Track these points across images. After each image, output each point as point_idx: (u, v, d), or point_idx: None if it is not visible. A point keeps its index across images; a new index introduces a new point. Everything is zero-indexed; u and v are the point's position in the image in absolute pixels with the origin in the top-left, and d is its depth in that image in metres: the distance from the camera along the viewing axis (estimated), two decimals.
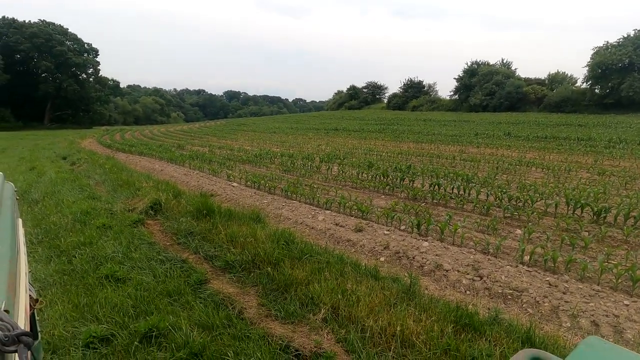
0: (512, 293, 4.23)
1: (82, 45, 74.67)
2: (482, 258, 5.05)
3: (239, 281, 4.32)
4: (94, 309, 3.59)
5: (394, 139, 25.00)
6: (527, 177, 11.22)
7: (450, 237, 5.95)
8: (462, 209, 7.86)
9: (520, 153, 16.84)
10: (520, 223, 6.84)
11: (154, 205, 7.16)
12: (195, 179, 11.49)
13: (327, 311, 3.49)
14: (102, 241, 5.46)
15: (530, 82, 53.46)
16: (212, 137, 30.94)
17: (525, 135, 23.88)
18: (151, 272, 4.46)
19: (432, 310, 3.46)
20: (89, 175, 11.82)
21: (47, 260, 4.91)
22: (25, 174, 12.71)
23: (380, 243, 5.72)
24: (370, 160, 13.85)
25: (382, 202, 8.44)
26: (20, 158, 19.07)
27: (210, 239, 5.44)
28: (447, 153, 17.10)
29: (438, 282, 4.65)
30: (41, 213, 7.22)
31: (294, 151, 18.29)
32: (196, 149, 20.71)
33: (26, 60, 67.98)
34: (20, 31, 66.24)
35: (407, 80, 70.66)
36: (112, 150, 21.43)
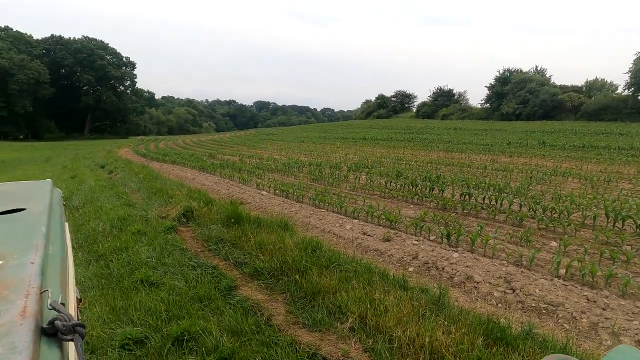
0: (547, 307, 4.08)
1: (121, 59, 78.41)
2: (514, 270, 4.90)
3: (267, 288, 4.39)
4: (129, 311, 3.74)
5: (423, 148, 24.69)
6: (563, 188, 10.80)
7: (482, 248, 5.80)
8: (494, 219, 7.65)
9: (555, 163, 16.24)
10: (555, 235, 6.58)
11: (186, 212, 7.38)
12: (226, 187, 11.75)
13: (355, 320, 3.48)
14: (137, 247, 5.67)
15: (567, 89, 51.58)
16: (242, 147, 31.55)
17: (561, 144, 23.01)
18: (183, 278, 4.60)
19: (462, 322, 3.39)
20: (125, 183, 12.32)
21: (86, 263, 5.15)
22: (67, 182, 13.41)
23: (409, 253, 5.66)
24: (398, 170, 13.73)
25: (411, 211, 8.34)
26: (63, 167, 20.14)
27: (239, 246, 5.55)
28: (478, 162, 16.71)
29: (468, 294, 4.54)
30: (81, 219, 7.59)
31: (321, 160, 18.39)
32: (227, 158, 21.18)
33: (70, 75, 72.17)
34: (66, 47, 70.46)
35: (436, 89, 69.88)
36: (146, 159, 22.24)
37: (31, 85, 60.95)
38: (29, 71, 60.18)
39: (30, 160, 24.95)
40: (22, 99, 60.37)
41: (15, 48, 61.78)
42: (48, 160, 24.99)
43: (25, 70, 59.70)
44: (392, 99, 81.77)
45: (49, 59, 68.31)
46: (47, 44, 71.15)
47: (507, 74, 57.35)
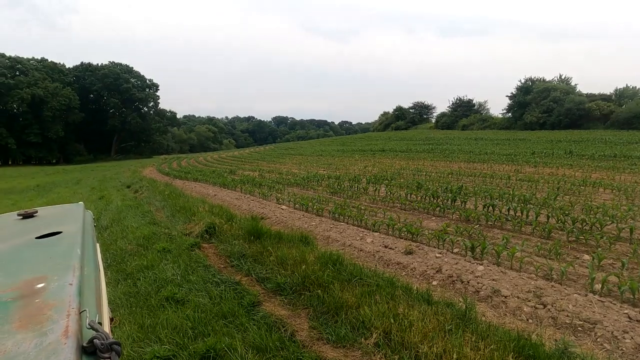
0: (583, 325, 3.88)
1: (144, 81, 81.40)
2: (544, 284, 4.71)
3: (290, 303, 4.36)
4: (156, 329, 3.78)
5: (443, 159, 24.38)
6: (594, 199, 10.41)
7: (508, 261, 5.62)
8: (520, 231, 7.43)
9: (584, 173, 15.70)
10: (587, 248, 6.32)
11: (208, 229, 7.48)
12: (246, 202, 11.86)
13: (379, 336, 3.41)
14: (163, 264, 5.77)
15: (594, 97, 50.15)
16: (262, 162, 31.93)
17: (590, 153, 22.27)
18: (207, 294, 4.63)
19: (490, 339, 3.28)
20: (150, 201, 12.62)
21: (115, 282, 5.26)
22: (95, 203, 13.84)
23: (432, 266, 5.54)
24: (419, 181, 13.57)
25: (433, 224, 8.20)
26: (92, 188, 20.83)
27: (261, 261, 5.57)
28: (501, 173, 16.35)
29: (496, 308, 4.39)
30: (109, 238, 7.79)
31: (340, 173, 18.39)
32: (247, 173, 21.44)
33: (97, 99, 75.59)
34: (94, 74, 73.95)
35: (455, 99, 69.34)
36: (170, 178, 22.76)
37: (63, 112, 64.13)
38: (61, 98, 63.43)
39: (62, 183, 25.93)
40: (55, 125, 63.51)
41: (49, 77, 65.26)
42: (78, 183, 25.90)
43: (58, 98, 62.97)
44: (411, 111, 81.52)
45: (79, 85, 71.81)
46: (77, 71, 74.83)
47: (529, 83, 56.38)
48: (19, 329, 0.86)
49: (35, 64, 67.14)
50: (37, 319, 0.90)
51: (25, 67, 64.46)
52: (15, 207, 14.69)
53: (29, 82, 61.12)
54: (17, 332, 0.85)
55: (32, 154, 65.16)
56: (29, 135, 61.56)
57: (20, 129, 61.39)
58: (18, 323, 0.89)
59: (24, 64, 64.98)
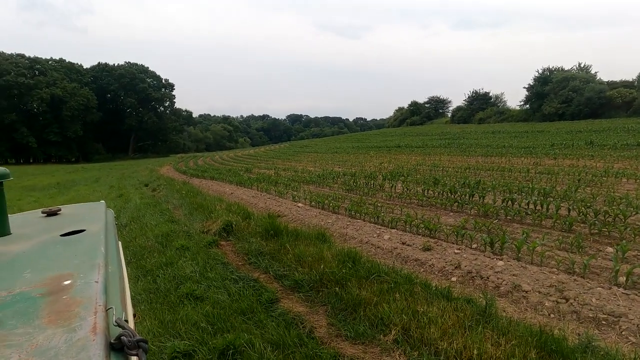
0: (607, 318, 3.80)
1: (160, 81, 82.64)
2: (566, 278, 4.62)
3: (308, 300, 4.39)
4: (176, 325, 3.85)
5: (460, 154, 24.06)
6: (617, 190, 10.13)
7: (528, 255, 5.53)
8: (540, 225, 7.29)
9: (606, 163, 15.29)
10: (610, 240, 6.17)
11: (226, 226, 7.57)
12: (263, 200, 11.95)
13: (398, 332, 3.41)
14: (182, 261, 5.87)
15: (615, 85, 48.71)
16: (277, 160, 32.07)
17: (611, 143, 21.67)
18: (226, 291, 4.70)
19: (511, 334, 3.24)
20: (168, 200, 12.82)
21: (135, 279, 5.37)
22: (114, 201, 14.13)
23: (451, 262, 5.49)
24: (435, 177, 13.43)
25: (451, 219, 8.12)
26: (110, 186, 21.25)
27: (279, 259, 5.61)
28: (520, 166, 16.05)
29: (517, 303, 4.33)
30: (129, 236, 7.95)
31: (356, 170, 18.33)
32: (263, 171, 21.58)
33: (114, 99, 77.04)
34: (111, 74, 75.41)
35: (471, 93, 68.39)
36: (187, 176, 23.06)
37: (81, 111, 65.63)
38: (80, 98, 64.91)
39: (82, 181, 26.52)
40: (74, 124, 65.07)
41: (67, 77, 66.88)
42: (97, 181, 26.47)
43: (76, 98, 64.47)
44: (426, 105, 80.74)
45: (96, 85, 73.37)
46: (94, 71, 76.38)
47: (547, 73, 55.09)
48: (49, 325, 0.89)
49: (53, 64, 68.90)
50: (65, 315, 0.93)
51: (44, 68, 66.20)
52: (37, 203, 15.12)
53: (47, 82, 62.81)
54: (47, 327, 0.87)
55: (52, 153, 67.09)
56: (49, 134, 63.33)
57: (41, 128, 63.12)
58: (47, 318, 0.91)
59: (43, 65, 66.75)
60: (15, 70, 60.05)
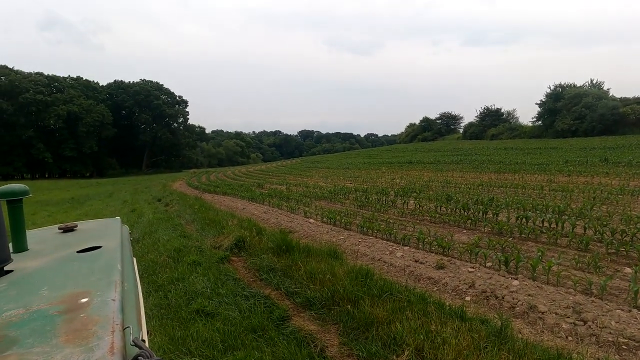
0: (628, 343, 3.69)
1: (174, 98, 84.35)
2: (584, 299, 4.52)
3: (319, 318, 4.36)
4: (187, 342, 3.85)
5: (472, 170, 23.86)
6: (634, 208, 9.93)
7: (544, 275, 5.42)
8: (556, 244, 7.16)
9: (622, 181, 15.00)
10: (629, 260, 6.02)
11: (237, 242, 7.60)
12: (275, 216, 11.97)
13: (411, 353, 3.35)
14: (193, 277, 5.89)
15: (628, 101, 48.21)
16: (289, 175, 32.18)
17: (626, 160, 21.28)
18: (237, 308, 4.69)
19: (528, 357, 3.17)
20: (180, 215, 12.93)
21: (146, 294, 5.38)
22: (127, 215, 14.30)
23: (465, 281, 5.41)
24: (448, 193, 13.33)
25: (464, 237, 8.02)
26: (124, 201, 21.54)
27: (290, 275, 5.60)
28: (533, 183, 15.85)
29: (533, 325, 4.23)
30: (141, 251, 8.02)
31: (367, 186, 18.29)
32: (274, 187, 21.66)
33: (129, 115, 78.76)
34: (126, 91, 77.29)
35: (483, 109, 68.30)
36: (199, 192, 23.27)
37: (96, 127, 67.13)
38: (95, 114, 66.51)
39: (96, 196, 26.94)
40: (89, 140, 66.51)
41: (84, 95, 68.73)
42: (111, 196, 26.85)
43: (92, 114, 66.07)
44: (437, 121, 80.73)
45: (112, 102, 75.19)
46: (110, 88, 78.41)
47: (560, 90, 54.78)
48: (66, 344, 0.89)
49: (70, 82, 70.97)
50: (82, 334, 0.93)
51: (61, 85, 68.21)
52: (51, 218, 15.37)
53: (64, 99, 64.61)
54: (64, 347, 0.87)
55: (67, 168, 68.50)
56: (64, 150, 64.77)
57: (57, 144, 64.65)
58: (65, 337, 0.91)
59: (60, 82, 68.79)
60: (33, 88, 61.91)
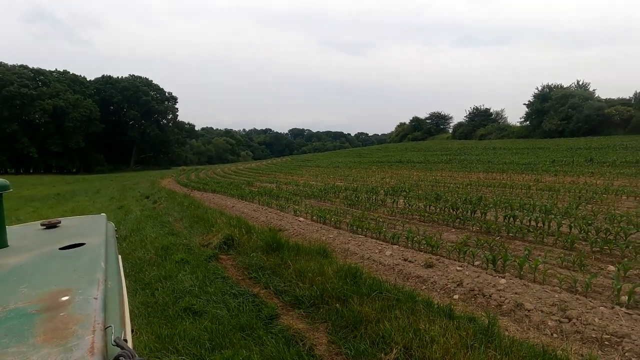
0: (610, 339, 3.76)
1: (164, 94, 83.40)
2: (569, 297, 4.59)
3: (308, 317, 4.35)
4: (174, 340, 3.81)
5: (461, 169, 24.09)
6: (617, 207, 10.12)
7: (531, 273, 5.50)
8: (542, 242, 7.26)
9: (606, 180, 15.30)
10: (612, 258, 6.14)
11: (226, 240, 7.55)
12: (264, 214, 11.93)
13: (399, 351, 3.37)
14: (181, 275, 5.83)
15: (613, 103, 49.15)
16: (279, 174, 32.10)
17: (611, 160, 21.72)
18: (225, 306, 4.66)
19: (514, 354, 3.20)
20: (169, 212, 12.80)
21: (133, 292, 5.32)
22: (115, 212, 14.12)
23: (453, 280, 5.46)
24: (437, 192, 13.43)
25: (453, 236, 8.09)
26: (111, 198, 21.25)
27: (279, 274, 5.58)
28: (521, 182, 16.06)
29: (519, 323, 4.29)
30: (128, 248, 7.92)
31: (357, 185, 18.34)
32: (264, 185, 21.58)
33: (117, 111, 77.65)
34: (114, 86, 76.12)
35: (472, 109, 68.86)
36: (188, 189, 23.06)
37: (84, 123, 66.04)
38: (82, 109, 65.39)
39: (82, 192, 26.52)
40: (76, 135, 65.40)
41: (71, 89, 67.50)
42: (98, 192, 26.46)
43: (79, 109, 64.93)
44: (427, 121, 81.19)
45: (99, 97, 73.99)
46: (98, 83, 77.13)
47: (547, 90, 55.55)
48: (44, 343, 0.85)
49: (57, 76, 69.62)
50: (62, 333, 0.89)
51: (47, 79, 66.85)
52: (36, 214, 15.09)
53: (50, 94, 63.33)
54: (42, 347, 0.84)
55: (53, 163, 67.27)
56: (50, 145, 63.56)
57: (42, 138, 63.42)
58: (43, 337, 0.88)
59: (46, 76, 67.40)
60: (18, 81, 60.59)
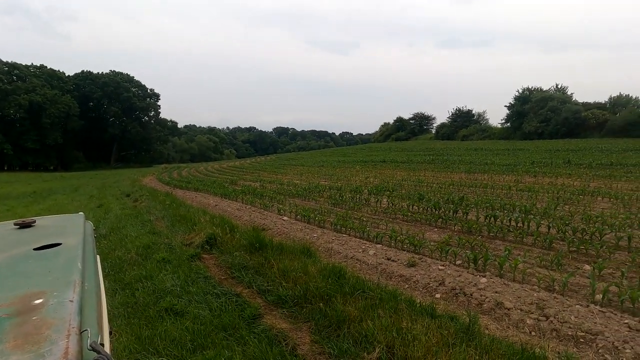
0: (585, 336, 3.87)
1: (145, 91, 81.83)
2: (547, 296, 4.70)
3: (291, 316, 4.34)
4: (154, 341, 3.74)
5: (444, 170, 24.42)
6: (593, 208, 10.43)
7: (510, 272, 5.61)
8: (522, 242, 7.43)
9: (582, 182, 15.75)
10: (588, 258, 6.32)
11: (209, 239, 7.46)
12: (248, 213, 11.84)
13: (382, 350, 3.39)
14: (162, 275, 5.74)
15: (590, 106, 50.58)
16: (263, 172, 31.92)
17: (587, 162, 22.36)
18: (207, 306, 4.60)
19: (494, 352, 3.26)
20: (150, 211, 12.59)
21: (112, 292, 5.22)
22: (94, 211, 13.80)
23: (435, 279, 5.52)
24: (420, 192, 13.58)
25: (435, 235, 8.19)
26: (90, 196, 20.77)
27: (262, 273, 5.55)
28: (501, 183, 16.37)
29: (499, 321, 4.37)
30: (108, 247, 7.76)
31: (341, 184, 18.39)
32: (248, 184, 21.43)
33: (97, 107, 75.83)
34: (94, 82, 74.29)
35: (455, 110, 69.73)
36: (170, 187, 22.72)
37: (62, 119, 64.23)
38: (61, 105, 63.56)
39: (60, 190, 25.84)
40: (54, 132, 63.55)
41: (48, 84, 65.55)
42: (76, 190, 25.83)
43: (57, 105, 63.09)
44: (411, 121, 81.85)
45: (79, 93, 71.99)
46: (77, 79, 75.11)
47: (527, 93, 56.78)
48: (14, 350, 0.81)
49: (33, 71, 67.46)
50: (34, 338, 0.85)
51: (23, 74, 64.67)
52: (10, 213, 14.64)
53: (27, 89, 61.25)
54: (12, 353, 0.80)
55: (30, 160, 65.09)
56: (26, 142, 61.44)
57: (18, 135, 61.25)
58: (13, 342, 0.84)
59: (22, 70, 65.17)
60: None
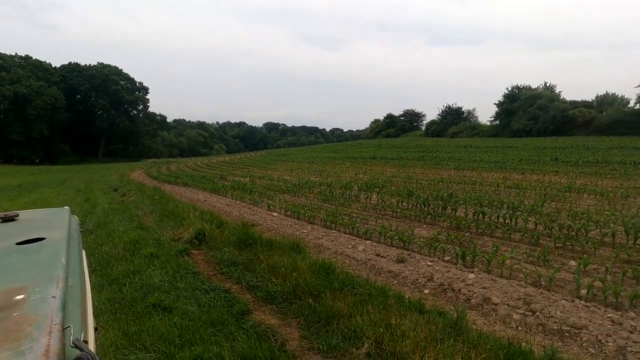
0: (570, 330, 3.94)
1: (134, 84, 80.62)
2: (533, 291, 4.77)
3: (280, 312, 4.33)
4: (142, 337, 3.71)
5: (433, 166, 24.56)
6: (579, 205, 10.59)
7: (498, 268, 5.68)
8: (510, 238, 7.51)
9: (569, 179, 15.98)
10: (573, 254, 6.42)
11: (198, 235, 7.40)
12: (237, 209, 11.78)
13: (371, 345, 3.40)
14: (150, 270, 5.68)
15: (577, 104, 51.36)
16: (253, 168, 31.77)
17: (574, 160, 22.70)
18: (196, 302, 4.57)
19: (481, 347, 3.29)
20: (138, 206, 12.44)
21: (99, 288, 5.15)
22: (81, 205, 13.59)
23: (424, 275, 5.56)
24: (410, 189, 13.64)
25: (424, 231, 8.24)
26: (77, 190, 20.44)
27: (252, 269, 5.52)
28: (490, 180, 16.53)
29: (486, 316, 4.42)
30: (94, 242, 7.65)
31: (332, 180, 18.38)
32: (238, 179, 21.30)
33: (85, 100, 74.39)
34: (82, 74, 72.87)
35: (445, 107, 70.17)
36: (159, 182, 22.49)
37: (48, 111, 62.86)
38: (47, 97, 62.17)
39: (46, 184, 25.40)
40: (39, 124, 62.18)
41: (34, 75, 64.06)
42: (62, 184, 25.42)
43: (43, 97, 61.69)
44: (401, 118, 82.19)
45: (66, 85, 70.52)
46: (64, 70, 73.55)
47: (516, 91, 57.41)
48: None
49: (18, 61, 65.76)
50: (14, 335, 0.83)
51: (7, 64, 63.00)
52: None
53: (11, 79, 59.62)
54: None
55: (14, 153, 63.52)
56: (10, 134, 59.89)
57: (2, 126, 59.70)
58: None
59: (6, 60, 63.46)
60: None
